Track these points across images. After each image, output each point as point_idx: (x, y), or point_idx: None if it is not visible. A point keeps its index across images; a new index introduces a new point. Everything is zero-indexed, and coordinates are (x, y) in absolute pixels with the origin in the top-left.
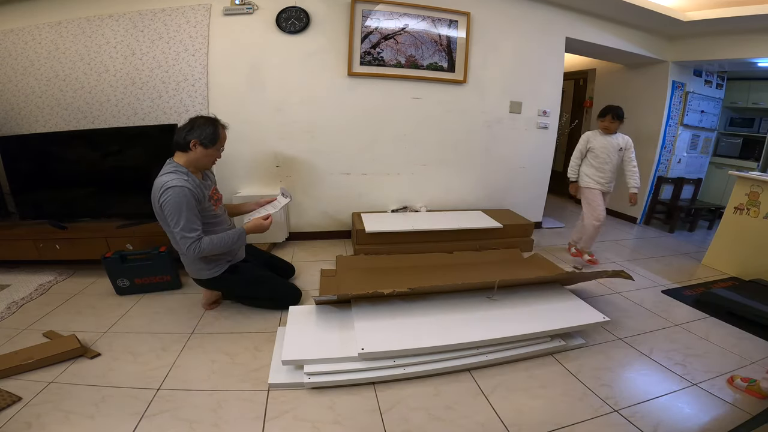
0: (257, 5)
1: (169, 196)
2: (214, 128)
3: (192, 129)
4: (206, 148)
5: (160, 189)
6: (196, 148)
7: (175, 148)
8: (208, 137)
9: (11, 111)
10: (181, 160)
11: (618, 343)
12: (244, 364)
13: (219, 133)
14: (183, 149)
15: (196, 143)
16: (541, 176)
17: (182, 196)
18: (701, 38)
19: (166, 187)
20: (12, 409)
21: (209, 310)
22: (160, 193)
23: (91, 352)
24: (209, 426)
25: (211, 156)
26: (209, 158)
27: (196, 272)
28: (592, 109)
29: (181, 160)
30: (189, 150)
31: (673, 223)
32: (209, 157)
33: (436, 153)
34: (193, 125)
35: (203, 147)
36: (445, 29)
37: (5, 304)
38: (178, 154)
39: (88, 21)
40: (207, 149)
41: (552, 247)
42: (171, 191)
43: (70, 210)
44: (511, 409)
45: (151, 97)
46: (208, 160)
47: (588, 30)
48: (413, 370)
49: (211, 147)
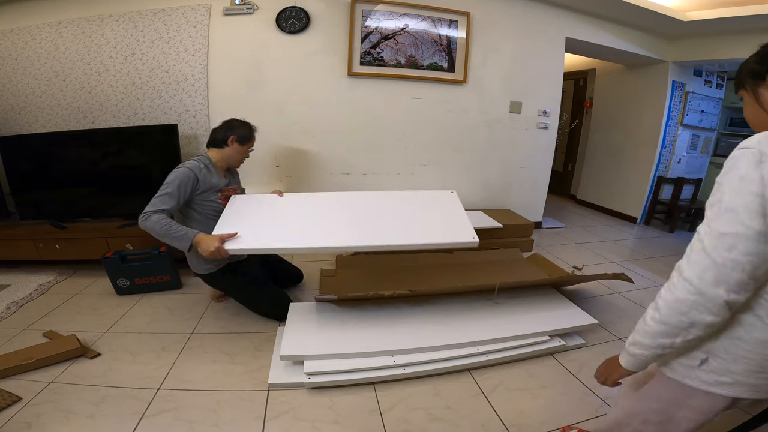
0: (257, 5)
1: (173, 172)
2: (249, 129)
3: (231, 128)
4: (241, 144)
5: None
6: (233, 144)
7: (210, 146)
8: (244, 135)
9: (11, 111)
10: (212, 155)
11: (618, 343)
12: (244, 364)
13: (252, 134)
14: (219, 145)
15: (234, 139)
16: (541, 176)
17: (182, 174)
18: (701, 38)
19: (178, 165)
20: (12, 409)
21: (217, 302)
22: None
23: (91, 352)
24: (209, 426)
25: (243, 153)
26: (241, 155)
27: (193, 264)
28: (592, 109)
29: (212, 154)
30: (226, 146)
31: (673, 223)
32: (241, 154)
33: (436, 153)
34: (231, 125)
35: (239, 143)
36: (445, 29)
37: (5, 304)
38: (211, 150)
39: (88, 21)
40: (241, 146)
41: (552, 247)
42: (178, 169)
43: (70, 210)
44: (511, 409)
45: (151, 97)
46: (239, 156)
47: (588, 30)
48: (413, 370)
49: (245, 144)
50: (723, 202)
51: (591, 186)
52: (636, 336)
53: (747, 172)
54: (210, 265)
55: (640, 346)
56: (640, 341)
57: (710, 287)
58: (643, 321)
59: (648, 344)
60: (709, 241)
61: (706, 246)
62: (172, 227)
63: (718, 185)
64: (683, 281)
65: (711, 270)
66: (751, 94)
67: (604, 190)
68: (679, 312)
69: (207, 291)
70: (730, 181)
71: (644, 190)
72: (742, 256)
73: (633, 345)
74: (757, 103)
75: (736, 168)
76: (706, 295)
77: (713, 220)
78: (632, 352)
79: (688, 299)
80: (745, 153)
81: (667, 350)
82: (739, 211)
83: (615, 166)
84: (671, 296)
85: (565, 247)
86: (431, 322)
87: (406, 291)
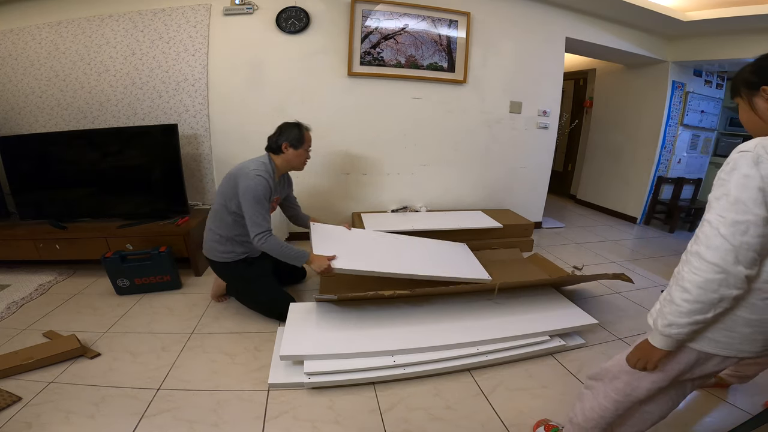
0: (257, 5)
1: (256, 183)
2: (299, 130)
3: (281, 133)
4: (296, 149)
5: (248, 173)
6: (287, 150)
7: (267, 150)
8: (295, 139)
9: (11, 111)
10: (275, 160)
11: (618, 343)
12: (244, 364)
13: (304, 134)
14: (276, 152)
15: (287, 145)
16: (541, 176)
17: (265, 189)
18: (701, 38)
19: (256, 173)
20: (12, 409)
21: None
22: (247, 178)
23: (91, 352)
24: (209, 426)
25: (301, 156)
26: (299, 158)
27: (212, 250)
28: (592, 109)
29: (275, 159)
30: (282, 152)
31: (673, 223)
32: (299, 158)
33: (436, 153)
34: (281, 130)
35: (293, 148)
36: (445, 29)
37: (5, 304)
38: (273, 156)
39: (88, 21)
40: (297, 150)
41: (552, 247)
42: (259, 180)
43: (70, 210)
44: (511, 409)
45: (151, 97)
46: (298, 160)
47: (588, 30)
48: (413, 370)
49: (300, 147)
50: (731, 195)
51: (591, 186)
52: (670, 317)
53: (749, 170)
54: (230, 255)
55: (677, 326)
56: (676, 321)
57: (733, 266)
58: (672, 304)
59: (685, 322)
60: (726, 229)
61: (723, 233)
62: (288, 248)
63: (722, 181)
64: (708, 264)
65: (731, 252)
66: (746, 102)
67: (604, 190)
68: (711, 290)
69: (207, 290)
70: (736, 178)
71: (644, 190)
72: (753, 239)
73: (669, 326)
74: (752, 110)
75: (739, 167)
76: (731, 273)
77: (725, 211)
78: (669, 333)
79: (717, 278)
80: (745, 155)
81: (700, 325)
82: (747, 203)
83: (615, 166)
84: (700, 278)
85: (565, 247)
86: (431, 322)
87: (407, 291)
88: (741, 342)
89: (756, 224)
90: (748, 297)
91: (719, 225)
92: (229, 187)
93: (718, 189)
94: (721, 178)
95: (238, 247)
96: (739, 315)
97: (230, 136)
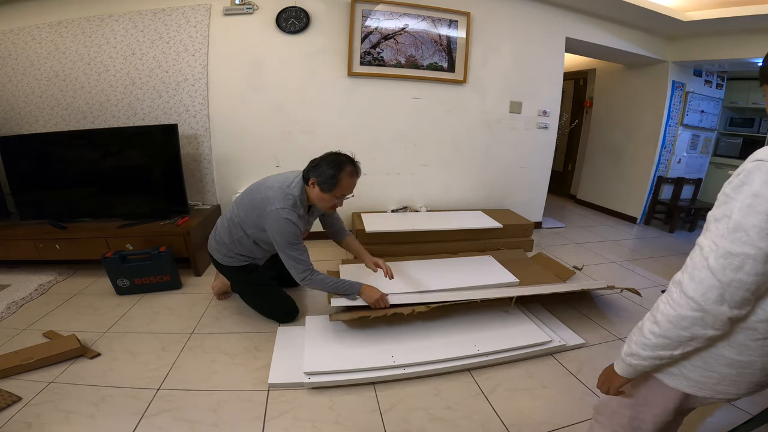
0: (257, 5)
1: (284, 229)
2: (335, 172)
3: (317, 165)
4: (322, 191)
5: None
6: (314, 187)
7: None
8: (324, 181)
9: (11, 111)
10: (307, 191)
11: (618, 343)
12: (244, 364)
13: (339, 179)
14: (306, 183)
15: (315, 182)
16: (541, 176)
17: (295, 232)
18: (701, 38)
19: (283, 215)
20: (12, 409)
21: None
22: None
23: (91, 352)
24: (209, 426)
25: (327, 201)
26: (324, 203)
27: (217, 252)
28: (592, 109)
29: (307, 190)
30: (307, 185)
31: (673, 223)
32: (324, 202)
33: (436, 153)
34: (320, 161)
35: (320, 189)
36: (445, 29)
37: (5, 304)
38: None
39: (88, 21)
40: (323, 193)
41: (552, 247)
42: (287, 225)
43: (70, 210)
44: (511, 409)
45: (151, 97)
46: (323, 204)
47: (588, 30)
48: (413, 370)
49: (326, 192)
50: (732, 219)
51: (591, 186)
52: (633, 347)
53: (761, 188)
54: (235, 260)
55: (638, 357)
56: (637, 352)
57: (714, 305)
58: (640, 333)
59: (646, 356)
60: (715, 261)
61: (711, 265)
62: (337, 283)
63: (727, 198)
64: (686, 298)
65: (716, 289)
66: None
67: (604, 190)
68: (681, 327)
69: (207, 291)
70: (742, 197)
71: (644, 190)
72: (748, 277)
73: (630, 356)
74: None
75: (750, 183)
76: (710, 313)
77: (720, 238)
78: (629, 363)
79: (691, 316)
80: (761, 166)
81: (664, 361)
82: (749, 232)
83: (615, 166)
84: (672, 312)
85: (565, 247)
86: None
87: (424, 307)
88: (719, 383)
89: (756, 259)
90: (734, 335)
91: (709, 254)
92: (253, 215)
93: (720, 208)
94: (726, 194)
95: (244, 256)
96: (722, 354)
97: (230, 136)
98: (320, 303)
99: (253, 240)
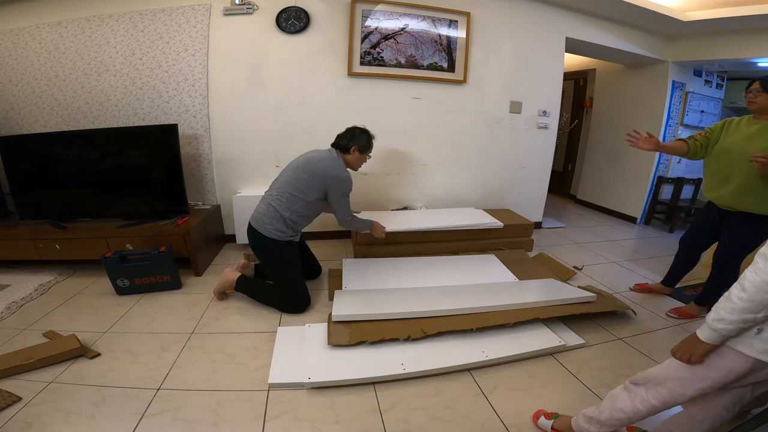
0: (257, 5)
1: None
2: (368, 138)
3: (353, 137)
4: (361, 153)
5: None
6: (354, 153)
7: (335, 147)
8: (363, 144)
9: (11, 111)
10: (344, 157)
11: (618, 343)
12: (244, 364)
13: (371, 142)
14: (344, 151)
15: (355, 149)
16: (541, 176)
17: (350, 185)
18: (701, 38)
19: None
20: (12, 409)
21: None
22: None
23: (91, 352)
24: (209, 426)
25: (362, 159)
26: (360, 161)
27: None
28: (592, 109)
29: (345, 157)
30: (348, 153)
31: (673, 223)
32: (360, 161)
33: (436, 153)
34: (353, 134)
35: (359, 152)
36: (445, 29)
37: (5, 304)
38: (342, 154)
39: (88, 21)
40: (362, 154)
41: (552, 247)
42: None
43: (70, 210)
44: (511, 409)
45: (151, 97)
46: (358, 162)
47: (588, 30)
48: (413, 370)
49: (365, 152)
50: None
51: (591, 186)
52: (721, 312)
53: None
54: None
55: (726, 322)
56: (725, 317)
57: None
58: (727, 300)
59: (733, 319)
60: None
61: None
62: (360, 222)
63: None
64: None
65: None
66: None
67: (604, 190)
68: (765, 291)
69: (207, 291)
70: None
71: (644, 190)
72: None
73: (718, 321)
74: None
75: None
76: None
77: None
78: (716, 327)
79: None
80: None
81: (749, 324)
82: None
83: (615, 166)
84: (758, 278)
85: (565, 247)
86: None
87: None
88: None
89: None
90: None
91: None
92: (315, 183)
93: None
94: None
95: (290, 229)
96: None
97: (230, 136)
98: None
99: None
